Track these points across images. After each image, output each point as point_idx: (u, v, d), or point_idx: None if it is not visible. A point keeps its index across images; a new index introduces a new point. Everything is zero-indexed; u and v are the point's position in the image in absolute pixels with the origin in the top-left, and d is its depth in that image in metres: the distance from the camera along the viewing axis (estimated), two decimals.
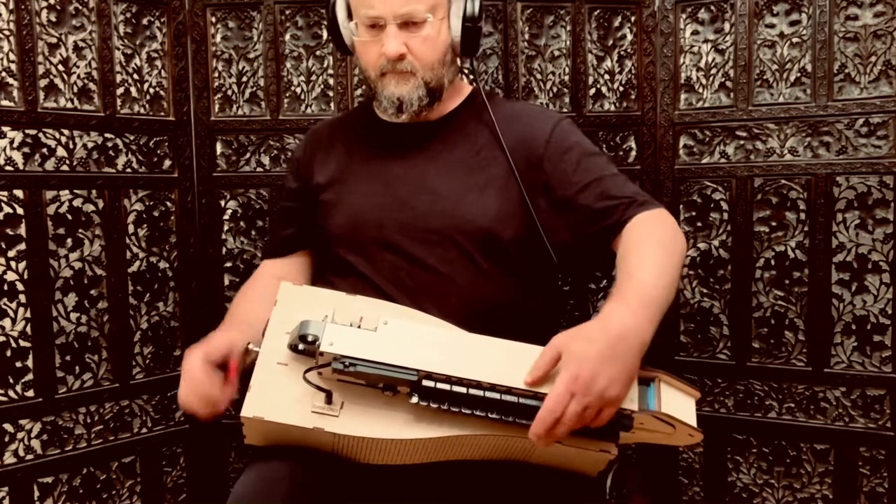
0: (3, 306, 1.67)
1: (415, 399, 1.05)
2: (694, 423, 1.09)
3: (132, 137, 1.84)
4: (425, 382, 1.04)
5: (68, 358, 1.76)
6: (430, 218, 1.30)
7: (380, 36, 1.29)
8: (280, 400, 1.08)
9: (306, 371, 1.07)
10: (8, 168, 1.67)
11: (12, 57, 1.66)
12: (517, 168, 1.31)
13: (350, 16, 1.35)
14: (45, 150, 1.72)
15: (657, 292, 1.11)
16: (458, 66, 1.42)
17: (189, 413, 1.22)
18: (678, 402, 1.10)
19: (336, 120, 1.57)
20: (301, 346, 1.07)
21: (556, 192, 1.30)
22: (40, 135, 1.71)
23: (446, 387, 1.04)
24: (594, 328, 1.05)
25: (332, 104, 1.94)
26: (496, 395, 1.05)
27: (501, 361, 1.06)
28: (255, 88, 1.95)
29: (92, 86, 1.78)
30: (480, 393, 1.05)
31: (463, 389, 1.05)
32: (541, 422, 1.00)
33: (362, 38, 1.32)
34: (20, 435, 1.71)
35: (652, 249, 1.19)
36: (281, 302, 1.15)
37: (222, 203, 1.96)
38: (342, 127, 1.50)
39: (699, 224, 1.94)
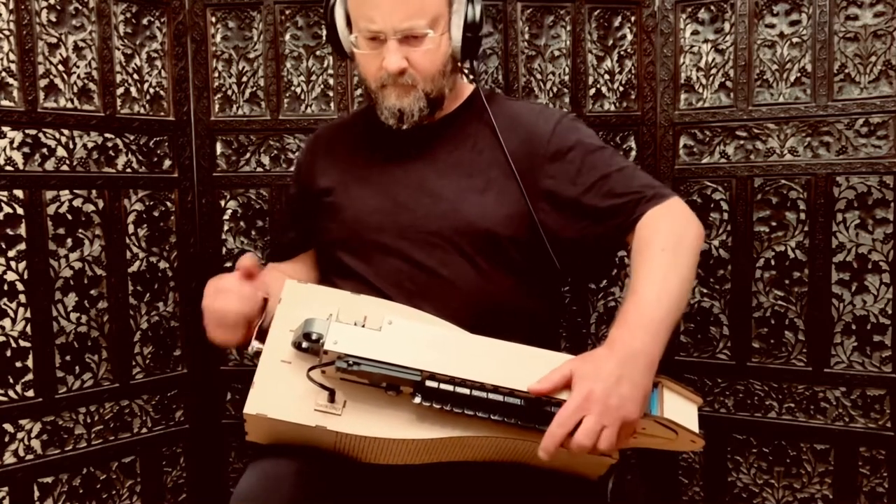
0: (3, 306, 1.67)
1: (418, 399, 1.05)
2: (696, 428, 1.09)
3: (132, 137, 1.84)
4: (429, 383, 1.04)
5: (68, 358, 1.76)
6: (430, 220, 1.30)
7: (380, 49, 1.27)
8: (283, 397, 1.08)
9: (310, 369, 1.07)
10: (8, 168, 1.67)
11: (12, 57, 1.66)
12: (519, 169, 1.30)
13: (349, 24, 1.34)
14: (45, 150, 1.72)
15: (660, 310, 1.11)
16: (458, 71, 1.42)
17: (219, 326, 1.22)
18: (680, 408, 1.10)
19: (338, 123, 1.57)
20: (305, 344, 1.07)
21: (562, 193, 1.29)
22: (40, 135, 1.71)
23: (449, 388, 1.04)
24: (602, 353, 1.07)
25: (332, 104, 1.94)
26: (499, 398, 1.05)
27: (505, 364, 1.06)
28: (255, 88, 1.95)
29: (92, 86, 1.78)
30: (483, 395, 1.05)
31: (466, 391, 1.04)
32: (550, 436, 1.01)
33: (362, 51, 1.30)
34: (20, 435, 1.71)
35: (654, 258, 1.18)
36: (285, 300, 1.15)
37: (222, 203, 1.96)
38: (344, 130, 1.50)
39: None
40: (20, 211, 1.68)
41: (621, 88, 1.98)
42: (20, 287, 1.69)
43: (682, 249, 1.20)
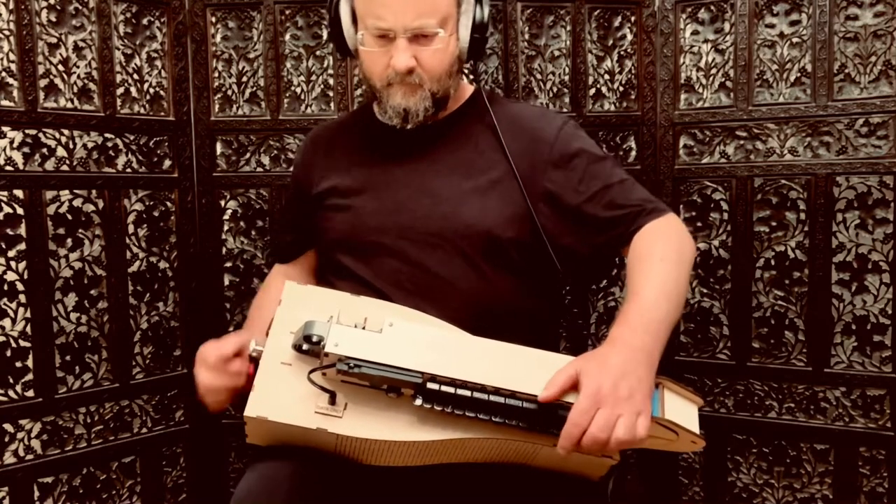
0: (3, 306, 1.67)
1: (419, 401, 1.05)
2: (697, 430, 1.09)
3: (132, 137, 1.84)
4: (429, 385, 1.04)
5: (68, 358, 1.76)
6: (431, 221, 1.30)
7: (388, 47, 1.27)
8: (283, 400, 1.08)
9: (310, 371, 1.07)
10: (8, 168, 1.66)
11: (12, 57, 1.66)
12: (520, 171, 1.30)
13: (354, 20, 1.33)
14: (45, 150, 1.71)
15: (659, 312, 1.12)
16: (461, 71, 1.41)
17: (208, 393, 1.25)
18: (681, 409, 1.10)
19: (336, 122, 1.57)
20: (306, 347, 1.07)
21: (563, 200, 1.30)
22: (40, 135, 1.70)
23: (450, 390, 1.04)
24: (605, 350, 1.07)
25: (332, 104, 1.94)
26: (500, 399, 1.05)
27: (506, 365, 1.06)
28: (255, 88, 1.94)
29: (92, 86, 1.78)
30: (484, 396, 1.05)
31: (467, 393, 1.04)
32: (567, 436, 1.01)
33: (369, 49, 1.30)
34: (20, 435, 1.71)
35: (654, 266, 1.19)
36: (285, 302, 1.15)
37: (222, 203, 1.96)
38: (342, 130, 1.49)
39: (699, 224, 1.94)
40: (20, 211, 1.68)
41: (621, 88, 1.98)
42: (20, 287, 1.69)
43: (680, 262, 1.22)
